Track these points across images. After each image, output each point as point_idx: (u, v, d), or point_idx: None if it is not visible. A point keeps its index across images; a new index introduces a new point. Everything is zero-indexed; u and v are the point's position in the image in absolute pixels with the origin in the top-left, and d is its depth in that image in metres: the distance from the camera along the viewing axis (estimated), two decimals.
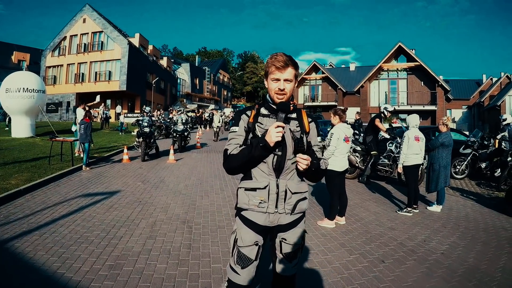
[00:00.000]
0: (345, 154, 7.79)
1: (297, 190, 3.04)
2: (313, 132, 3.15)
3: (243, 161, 2.93)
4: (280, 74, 2.91)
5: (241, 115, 3.13)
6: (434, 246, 6.69)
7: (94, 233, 6.77)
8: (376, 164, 12.95)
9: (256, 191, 3.00)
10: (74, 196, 9.61)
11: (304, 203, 3.12)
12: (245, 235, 3.02)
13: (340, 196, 7.85)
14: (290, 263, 3.11)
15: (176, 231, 7.02)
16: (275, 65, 2.90)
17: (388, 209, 9.39)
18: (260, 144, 2.81)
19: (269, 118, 3.03)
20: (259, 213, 3.01)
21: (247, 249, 3.01)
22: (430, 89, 48.17)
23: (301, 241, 3.14)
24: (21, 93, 23.05)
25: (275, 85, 2.94)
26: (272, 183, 2.97)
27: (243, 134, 3.05)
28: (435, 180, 9.29)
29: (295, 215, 3.08)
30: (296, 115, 3.11)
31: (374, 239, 6.98)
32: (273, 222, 3.03)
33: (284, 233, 3.07)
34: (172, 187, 11.01)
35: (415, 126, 9.19)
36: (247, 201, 3.02)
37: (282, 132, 2.77)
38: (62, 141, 15.30)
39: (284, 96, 2.95)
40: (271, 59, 2.95)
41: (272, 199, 2.98)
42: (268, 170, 2.96)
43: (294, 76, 2.97)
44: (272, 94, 2.98)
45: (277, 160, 2.94)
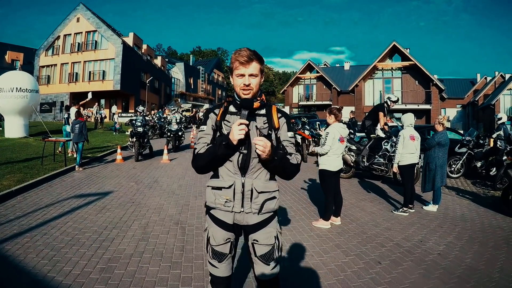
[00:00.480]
0: (339, 154, 7.69)
1: (264, 190, 2.97)
2: (283, 127, 3.06)
3: (209, 160, 2.89)
4: (244, 69, 2.85)
5: (209, 113, 3.09)
6: (430, 247, 6.60)
7: (86, 235, 6.66)
8: (372, 163, 12.89)
9: (221, 190, 2.96)
10: (66, 197, 9.49)
11: (272, 203, 3.03)
12: (216, 234, 3.00)
13: (335, 196, 7.74)
14: (268, 265, 3.01)
15: (169, 233, 6.90)
16: (239, 60, 2.83)
17: (384, 209, 9.30)
18: (223, 143, 2.76)
19: (236, 115, 2.97)
20: (226, 212, 2.98)
21: (220, 247, 2.99)
22: (425, 88, 48.19)
23: (274, 241, 3.04)
24: (14, 93, 22.83)
25: (240, 81, 2.88)
26: (237, 182, 2.92)
27: (210, 132, 3.01)
28: (431, 179, 9.21)
29: (263, 215, 3.00)
30: (265, 111, 3.04)
31: (370, 239, 6.88)
32: (240, 221, 2.99)
33: (254, 234, 3.01)
34: (165, 188, 10.91)
35: (409, 125, 9.11)
36: (213, 200, 2.99)
37: (245, 129, 2.70)
38: (55, 141, 15.20)
39: (250, 92, 2.89)
40: (234, 54, 2.88)
41: (237, 198, 2.93)
42: (234, 168, 2.92)
43: (260, 70, 2.91)
44: (238, 90, 2.92)
45: (242, 159, 2.89)
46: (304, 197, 10.27)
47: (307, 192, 10.95)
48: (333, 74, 61.10)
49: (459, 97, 63.93)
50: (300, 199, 10.07)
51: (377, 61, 50.24)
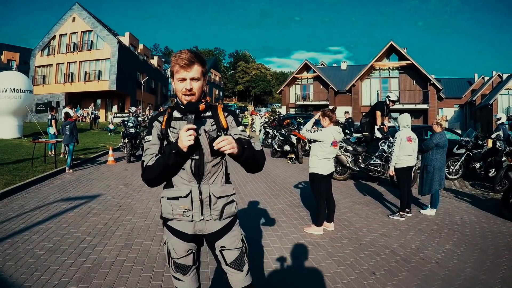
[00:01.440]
0: (330, 158, 7.37)
1: (222, 194, 2.87)
2: (231, 125, 2.93)
3: (159, 171, 2.72)
4: (185, 73, 2.71)
5: (153, 122, 2.93)
6: (428, 255, 6.30)
7: (68, 242, 6.39)
8: (369, 163, 12.65)
9: (178, 200, 2.81)
10: (52, 201, 9.24)
11: (231, 207, 2.94)
12: (176, 246, 2.87)
13: (327, 200, 7.44)
14: (241, 271, 2.88)
15: (153, 240, 6.62)
16: (179, 64, 2.69)
17: (379, 213, 9.00)
18: (172, 151, 2.59)
19: (181, 121, 2.82)
20: (185, 222, 2.84)
21: (182, 259, 2.86)
22: (422, 88, 48.11)
23: (242, 244, 2.95)
24: (8, 93, 22.79)
25: (182, 85, 2.74)
26: (194, 189, 2.80)
27: (157, 142, 2.84)
28: (429, 182, 8.93)
29: (225, 220, 2.91)
30: (211, 113, 2.92)
31: (364, 247, 6.58)
32: (202, 230, 2.87)
33: (220, 241, 2.90)
34: (154, 191, 10.53)
35: (406, 126, 8.82)
36: (170, 211, 2.84)
37: (194, 134, 2.53)
38: (45, 142, 14.93)
39: (192, 97, 2.76)
40: (174, 57, 2.74)
41: (196, 207, 2.80)
42: (188, 176, 2.79)
43: (202, 73, 2.79)
44: (180, 95, 2.79)
45: (196, 165, 2.77)
46: (296, 201, 9.97)
47: (299, 195, 10.63)
48: (330, 74, 60.93)
49: (456, 97, 63.80)
50: (292, 202, 9.79)
51: (374, 61, 50.14)
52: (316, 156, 7.32)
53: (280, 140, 18.74)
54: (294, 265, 5.73)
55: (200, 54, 2.84)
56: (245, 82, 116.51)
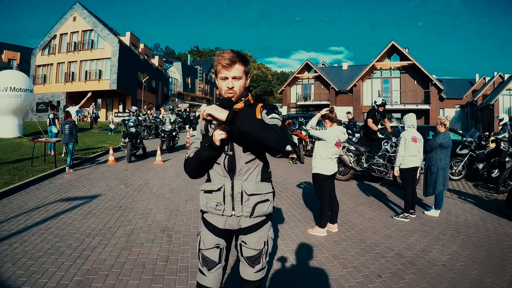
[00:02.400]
0: (333, 158, 7.25)
1: (254, 192, 2.86)
2: (263, 117, 2.88)
3: (197, 164, 2.85)
4: (227, 72, 2.78)
5: (199, 118, 3.06)
6: (434, 257, 6.19)
7: (67, 243, 6.26)
8: (371, 163, 12.55)
9: (212, 193, 2.90)
10: (52, 201, 9.11)
11: (264, 206, 2.92)
12: (206, 237, 2.96)
13: (330, 201, 7.31)
14: (253, 267, 2.94)
15: (154, 241, 6.48)
16: (222, 63, 2.76)
17: (383, 214, 8.88)
18: (206, 145, 2.71)
19: None
20: (217, 215, 2.92)
21: (209, 251, 2.94)
22: (424, 88, 47.94)
23: (263, 247, 2.96)
24: (8, 92, 22.63)
25: (224, 84, 2.82)
26: (227, 184, 2.85)
27: (200, 137, 2.98)
28: (433, 183, 8.82)
29: (256, 218, 2.92)
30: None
31: (369, 249, 6.47)
32: (233, 225, 2.91)
33: (244, 236, 2.94)
34: (155, 191, 10.50)
35: (411, 126, 8.69)
36: (205, 204, 2.95)
37: (227, 129, 2.61)
38: (45, 142, 14.81)
39: (233, 95, 2.82)
40: (217, 57, 2.81)
41: (228, 201, 2.86)
42: (222, 171, 2.85)
43: (244, 72, 2.86)
44: (223, 93, 2.85)
45: (229, 160, 2.82)
46: (299, 201, 9.84)
47: (302, 195, 10.49)
48: (331, 74, 60.82)
49: (457, 97, 63.94)
50: (295, 203, 9.64)
51: (376, 61, 49.99)
52: (319, 156, 7.20)
53: None
54: (298, 267, 5.61)
55: (242, 54, 2.87)
56: None
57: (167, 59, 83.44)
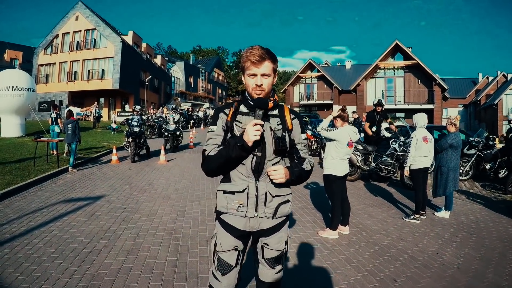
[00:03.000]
0: (345, 159, 7.07)
1: (278, 193, 2.85)
2: (296, 129, 2.94)
3: (221, 163, 2.76)
4: (256, 69, 2.71)
5: (219, 113, 2.94)
6: (448, 260, 6.03)
7: (71, 246, 6.07)
8: (379, 162, 12.39)
9: (234, 194, 2.82)
10: (55, 202, 8.95)
11: (286, 207, 2.92)
12: (224, 239, 2.87)
13: (341, 202, 7.13)
14: (273, 268, 2.94)
15: (161, 245, 6.29)
16: (251, 60, 2.69)
17: (393, 216, 8.71)
18: (237, 144, 2.62)
19: (248, 116, 2.84)
20: (238, 217, 2.84)
21: (226, 254, 2.85)
22: (427, 88, 47.63)
23: (284, 247, 2.96)
24: (10, 91, 22.58)
25: (252, 81, 2.75)
26: (251, 186, 2.80)
27: (221, 133, 2.89)
28: (443, 184, 8.65)
29: (277, 219, 2.90)
30: (278, 112, 2.91)
31: (382, 252, 6.29)
32: (254, 227, 2.86)
33: (266, 238, 2.91)
34: (160, 192, 10.32)
35: (422, 125, 8.51)
36: (225, 205, 2.85)
37: (261, 130, 2.58)
38: (47, 141, 14.66)
39: (262, 92, 2.76)
40: (246, 53, 2.74)
41: (251, 203, 2.80)
42: (247, 172, 2.79)
43: (273, 70, 2.78)
44: (250, 90, 2.79)
45: (256, 162, 2.77)
46: (307, 202, 9.67)
47: (310, 196, 10.33)
48: (334, 73, 60.53)
49: (460, 96, 63.58)
50: (304, 204, 9.47)
51: (379, 60, 49.67)
52: (331, 156, 7.02)
53: None
54: (312, 271, 5.43)
55: (272, 51, 2.79)
56: None
57: (169, 58, 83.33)
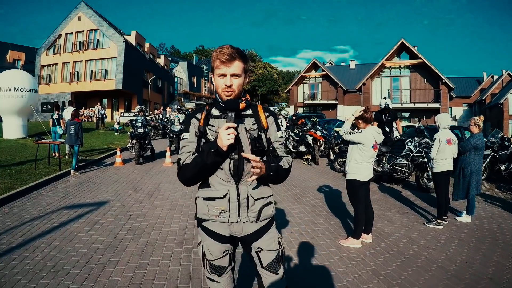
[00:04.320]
0: (370, 162, 6.59)
1: (260, 196, 2.78)
2: (272, 127, 2.89)
3: (197, 171, 2.65)
4: (226, 68, 2.64)
5: (191, 119, 2.87)
6: (478, 269, 5.57)
7: (72, 260, 5.56)
8: (394, 164, 11.97)
9: (215, 201, 2.73)
10: (56, 208, 8.49)
11: (269, 209, 2.85)
12: (212, 247, 2.78)
13: (365, 209, 6.66)
14: (277, 274, 2.79)
15: (172, 257, 5.75)
16: (220, 59, 2.62)
17: (414, 221, 8.22)
18: (211, 150, 2.53)
19: (220, 119, 2.76)
20: (221, 223, 2.76)
21: (218, 260, 2.78)
22: (434, 87, 47.18)
23: (278, 247, 2.85)
24: (12, 92, 22.30)
25: (222, 81, 2.67)
26: (232, 190, 2.71)
27: (194, 140, 2.79)
28: (466, 187, 8.21)
29: (261, 222, 2.81)
30: (251, 111, 2.84)
31: (409, 262, 5.81)
32: (239, 232, 2.78)
33: (257, 242, 2.80)
34: (167, 196, 9.86)
35: (446, 126, 8.01)
36: (206, 212, 2.75)
37: (234, 133, 2.50)
38: (49, 143, 14.20)
39: (232, 93, 2.68)
40: (215, 52, 2.67)
41: (233, 208, 2.72)
42: (226, 176, 2.70)
43: (243, 70, 2.71)
44: (220, 91, 2.73)
45: (234, 165, 2.68)
46: (323, 207, 9.17)
47: (325, 200, 9.84)
48: (339, 72, 60.20)
49: (465, 96, 63.25)
50: (319, 209, 8.97)
51: (385, 59, 49.26)
52: (355, 160, 6.53)
53: (295, 141, 17.84)
54: (337, 285, 4.94)
55: (242, 51, 2.70)
56: (252, 81, 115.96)
57: (172, 58, 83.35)
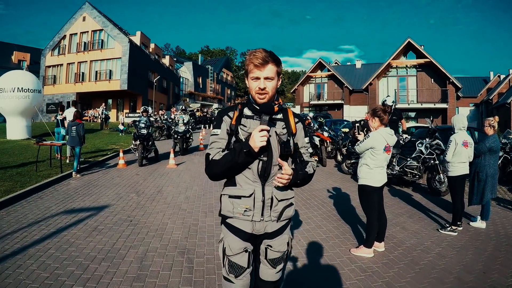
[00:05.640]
0: (383, 166, 6.22)
1: (283, 197, 2.86)
2: (300, 133, 2.96)
3: (227, 168, 2.71)
4: (259, 72, 2.69)
5: (223, 116, 2.90)
6: (498, 280, 5.24)
7: (68, 270, 5.23)
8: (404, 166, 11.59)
9: (241, 199, 2.80)
10: (54, 213, 8.20)
11: (290, 210, 2.94)
12: (233, 243, 2.83)
13: (378, 216, 6.31)
14: (274, 268, 2.91)
15: (172, 269, 5.40)
16: (254, 63, 2.67)
17: (427, 227, 7.86)
18: (244, 150, 2.61)
19: (252, 119, 2.82)
20: (245, 221, 2.82)
21: (237, 257, 2.82)
22: (441, 87, 46.77)
23: (286, 248, 2.95)
24: (16, 93, 22.32)
25: (256, 84, 2.72)
26: (257, 190, 2.78)
27: (225, 137, 2.84)
28: (481, 191, 7.83)
29: (281, 222, 2.90)
30: (282, 116, 2.91)
31: (425, 273, 5.46)
32: (260, 230, 2.85)
33: (270, 240, 2.89)
34: (170, 200, 9.54)
35: (462, 128, 7.63)
36: (231, 209, 2.83)
37: (267, 136, 2.59)
38: (50, 145, 13.91)
39: (265, 96, 2.74)
40: (249, 56, 2.71)
41: (257, 207, 2.80)
42: (253, 176, 2.77)
43: (276, 73, 2.75)
44: (253, 94, 2.77)
45: (263, 166, 2.76)
46: (332, 212, 8.81)
47: (334, 205, 9.48)
48: (345, 72, 59.79)
49: (472, 95, 62.74)
50: (328, 215, 8.60)
51: (391, 59, 48.89)
52: (367, 165, 6.17)
53: None
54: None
55: (275, 54, 2.74)
56: None
57: (177, 59, 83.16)
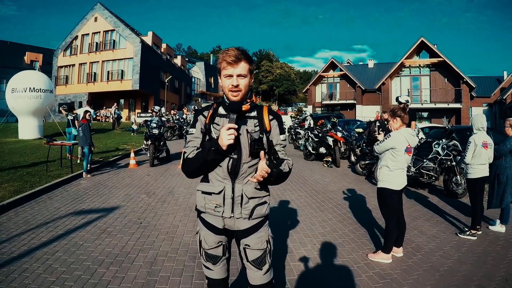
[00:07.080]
0: (404, 168, 5.95)
1: (254, 195, 2.89)
2: (274, 130, 2.96)
3: (198, 165, 2.81)
4: (232, 69, 2.73)
5: (199, 115, 3.00)
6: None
7: (75, 275, 5.07)
8: (421, 167, 11.29)
9: (211, 195, 2.89)
10: (63, 214, 8.07)
11: (263, 208, 2.97)
12: (207, 237, 2.95)
13: (397, 220, 6.06)
14: (260, 269, 2.92)
15: (183, 274, 5.19)
16: (227, 60, 2.73)
17: (445, 231, 7.58)
18: (212, 148, 2.68)
19: (225, 118, 2.85)
20: (216, 217, 2.92)
21: (212, 250, 2.95)
22: (454, 86, 46.32)
23: (266, 246, 2.96)
24: (28, 93, 22.52)
25: (228, 82, 2.77)
26: (227, 187, 2.86)
27: (200, 136, 2.93)
28: (500, 194, 7.52)
29: (254, 220, 2.93)
30: (256, 113, 2.93)
31: (445, 280, 5.22)
32: (231, 226, 2.92)
33: (245, 239, 2.93)
34: (181, 202, 9.36)
35: (481, 128, 7.37)
36: (203, 204, 2.94)
37: (235, 134, 2.63)
38: (60, 145, 13.80)
39: (238, 93, 2.78)
40: (222, 54, 2.78)
41: (227, 204, 2.87)
42: (223, 174, 2.84)
43: (249, 71, 2.80)
44: (227, 91, 2.81)
45: (232, 164, 2.81)
46: (348, 215, 8.55)
47: (349, 208, 9.20)
48: (357, 72, 59.48)
49: (485, 95, 62.03)
50: (344, 217, 8.35)
51: (404, 58, 48.52)
52: (387, 167, 5.92)
53: (314, 142, 17.33)
54: None
55: (247, 53, 2.81)
56: (269, 82, 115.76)
57: (189, 59, 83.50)
